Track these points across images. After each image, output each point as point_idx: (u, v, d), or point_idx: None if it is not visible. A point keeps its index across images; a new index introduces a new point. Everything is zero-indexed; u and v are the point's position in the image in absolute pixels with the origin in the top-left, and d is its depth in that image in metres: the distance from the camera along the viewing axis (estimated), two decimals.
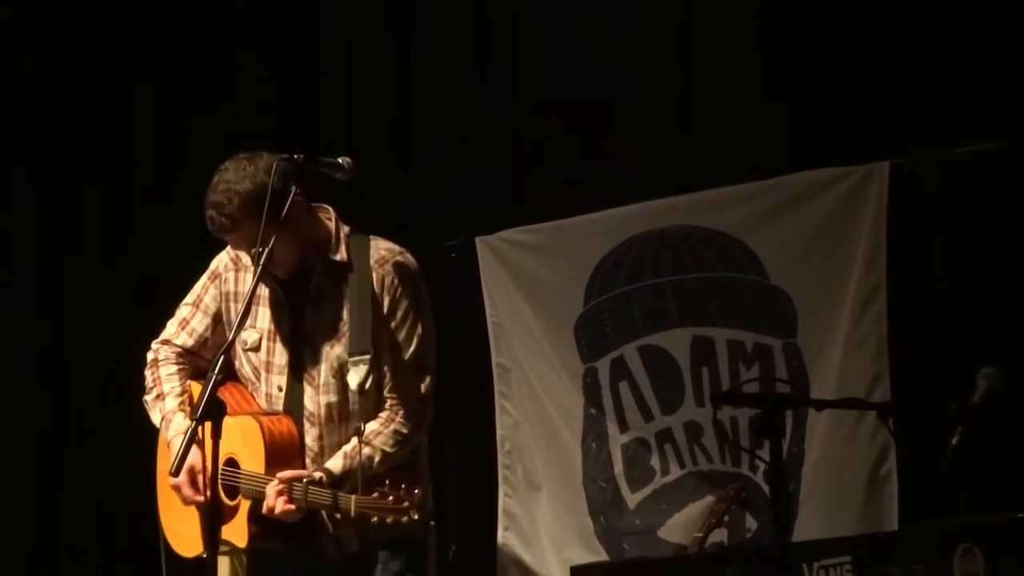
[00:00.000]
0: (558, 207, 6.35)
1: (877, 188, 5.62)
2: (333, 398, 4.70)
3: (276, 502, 4.55)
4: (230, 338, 4.53)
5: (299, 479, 4.57)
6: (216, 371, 4.32)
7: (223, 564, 5.56)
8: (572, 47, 6.42)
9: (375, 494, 4.46)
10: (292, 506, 4.54)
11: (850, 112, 5.79)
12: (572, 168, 6.41)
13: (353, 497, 4.48)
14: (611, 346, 6.19)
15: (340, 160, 4.68)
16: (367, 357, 4.65)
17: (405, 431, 4.68)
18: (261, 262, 4.53)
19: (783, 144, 5.97)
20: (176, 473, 4.49)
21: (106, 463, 7.10)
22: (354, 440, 4.63)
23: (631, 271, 6.16)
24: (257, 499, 4.60)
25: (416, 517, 4.43)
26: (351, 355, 4.66)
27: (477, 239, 6.46)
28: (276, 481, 4.56)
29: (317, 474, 4.58)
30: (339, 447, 4.67)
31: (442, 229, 6.48)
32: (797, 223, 5.82)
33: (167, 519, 4.84)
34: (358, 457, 4.57)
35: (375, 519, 4.45)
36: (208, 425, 4.29)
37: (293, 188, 4.58)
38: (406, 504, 4.42)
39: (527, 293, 6.37)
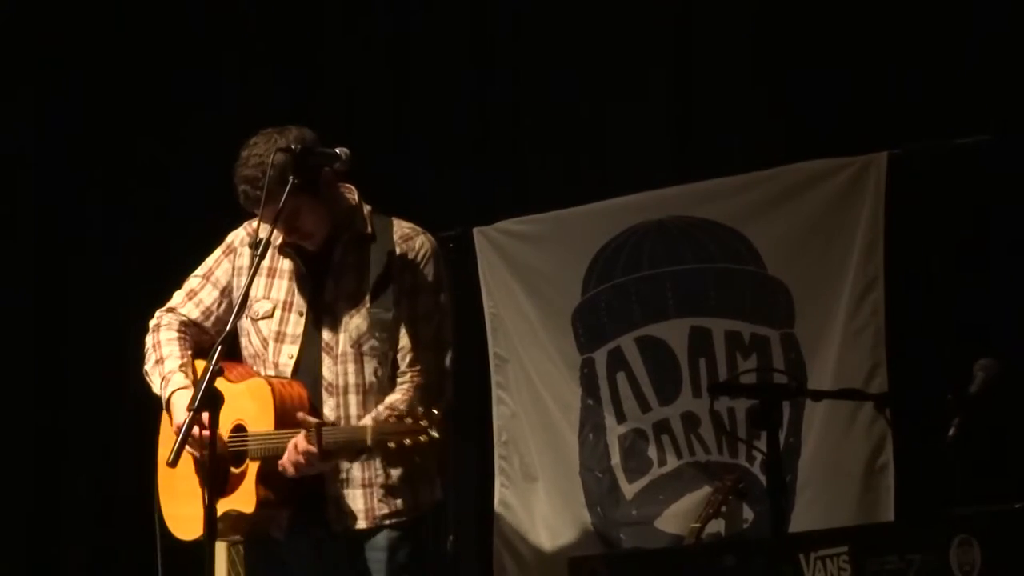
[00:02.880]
0: (556, 198, 6.35)
1: (875, 179, 5.62)
2: (351, 367, 4.68)
3: (300, 441, 4.46)
4: (229, 324, 4.49)
5: (322, 424, 4.51)
6: (215, 361, 4.29)
7: (220, 551, 5.58)
8: (571, 38, 6.42)
9: (391, 418, 4.42)
10: (313, 447, 4.45)
11: (848, 102, 5.78)
12: (570, 159, 6.41)
13: (369, 424, 4.45)
14: (609, 337, 6.20)
15: (337, 150, 4.67)
16: (390, 314, 4.63)
17: (427, 402, 4.60)
18: (261, 246, 4.52)
19: (781, 135, 5.96)
20: (174, 464, 4.46)
21: (105, 447, 7.11)
22: (379, 408, 4.60)
23: (629, 262, 6.16)
24: (266, 458, 4.55)
25: (436, 435, 4.36)
26: (372, 311, 4.64)
27: (475, 230, 6.46)
28: (304, 423, 4.49)
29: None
30: (359, 418, 4.63)
31: (439, 220, 6.44)
32: (795, 214, 5.82)
33: (166, 504, 4.82)
34: (388, 421, 4.48)
35: (393, 444, 4.38)
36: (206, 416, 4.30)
37: (291, 178, 4.57)
38: (424, 423, 4.38)
39: (525, 284, 6.37)
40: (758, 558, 4.70)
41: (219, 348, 4.35)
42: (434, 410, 4.43)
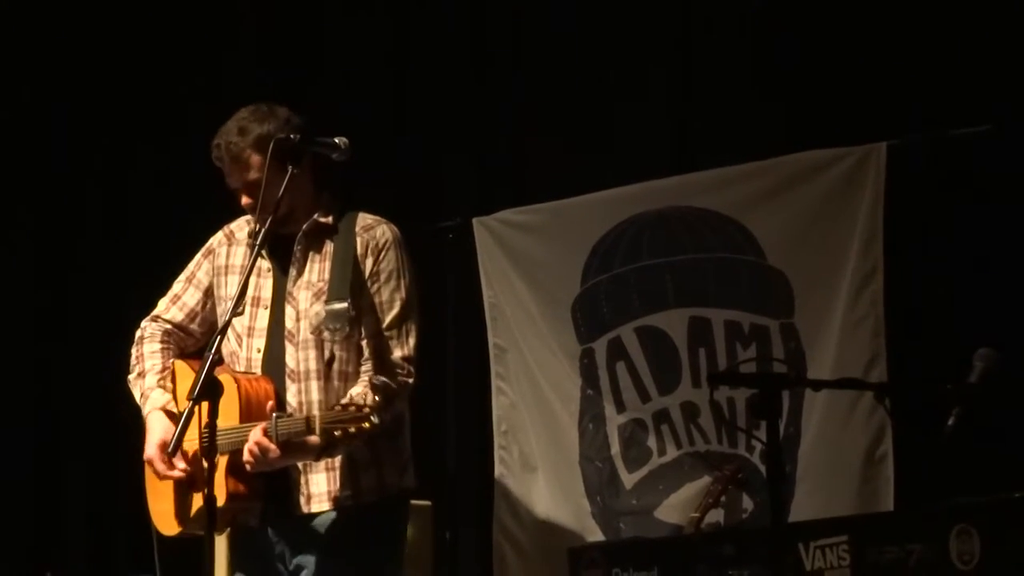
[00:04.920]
0: (556, 188, 6.35)
1: (874, 169, 5.62)
2: (312, 353, 4.72)
3: (255, 433, 4.54)
4: (228, 315, 4.54)
5: (278, 415, 4.58)
6: (213, 352, 4.37)
7: (221, 544, 5.58)
8: (571, 28, 6.42)
9: (336, 407, 4.52)
10: (266, 439, 4.53)
11: (847, 93, 5.78)
12: (570, 149, 6.41)
13: (317, 414, 4.52)
14: (608, 327, 6.20)
15: (336, 140, 4.70)
16: (345, 304, 4.68)
17: (388, 390, 4.67)
18: (262, 230, 4.60)
19: (781, 125, 5.96)
20: (174, 453, 4.50)
21: (103, 433, 7.12)
22: (343, 402, 4.63)
23: (628, 252, 6.16)
24: (234, 451, 4.60)
25: (376, 420, 4.44)
26: (327, 302, 4.70)
27: (474, 220, 6.47)
28: (262, 425, 4.57)
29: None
30: (321, 404, 4.68)
31: (439, 210, 6.48)
32: (795, 204, 5.82)
33: (150, 500, 4.88)
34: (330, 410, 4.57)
35: (339, 432, 4.46)
36: (205, 405, 4.34)
37: (290, 168, 4.62)
38: (366, 410, 4.45)
39: (524, 274, 6.38)
40: (757, 548, 4.71)
41: (219, 339, 4.44)
42: (377, 396, 4.50)
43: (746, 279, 5.95)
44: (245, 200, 4.77)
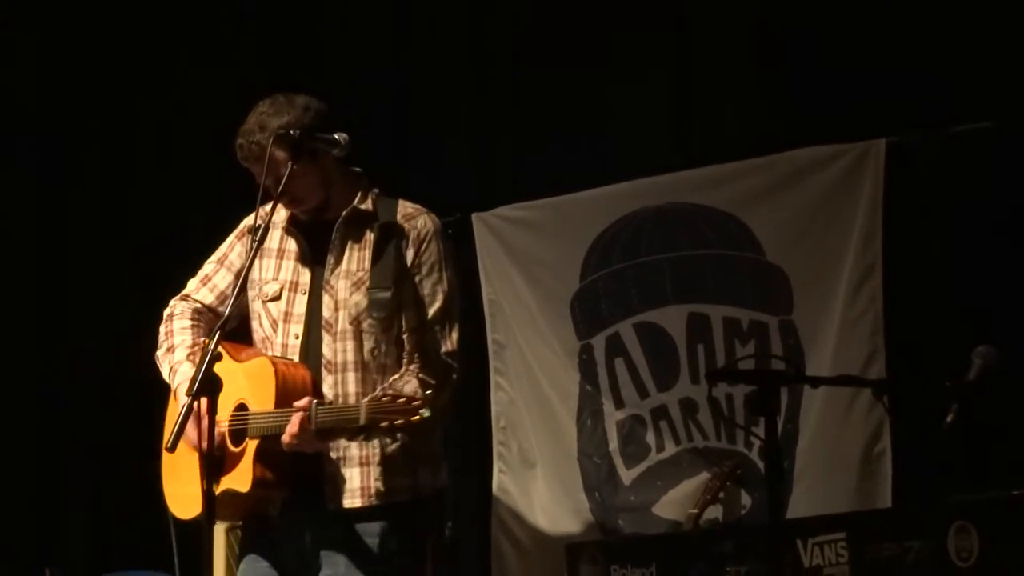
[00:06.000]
0: (555, 184, 6.34)
1: (873, 166, 5.62)
2: (350, 344, 4.67)
3: (294, 423, 4.47)
4: (227, 312, 4.51)
5: (319, 403, 4.51)
6: (214, 347, 4.31)
7: (219, 535, 5.59)
8: (571, 23, 6.41)
9: (385, 398, 4.42)
10: (308, 425, 4.46)
11: (847, 89, 5.78)
12: (569, 145, 6.41)
13: (364, 403, 4.45)
14: (607, 323, 6.20)
15: (336, 136, 4.68)
16: (388, 293, 4.63)
17: (433, 382, 4.63)
18: (264, 226, 4.55)
19: (780, 121, 5.96)
20: (172, 449, 4.46)
21: (105, 427, 7.13)
22: (380, 389, 4.58)
23: (627, 248, 6.16)
24: (264, 436, 4.54)
25: (427, 415, 4.37)
26: (370, 289, 4.64)
27: (473, 216, 6.47)
28: (303, 404, 4.49)
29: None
30: (357, 396, 4.61)
31: (438, 205, 6.43)
32: (794, 200, 5.82)
33: (167, 483, 4.84)
34: (378, 402, 4.48)
35: (385, 423, 4.39)
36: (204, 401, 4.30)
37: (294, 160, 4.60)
38: (416, 403, 4.38)
39: (523, 270, 6.38)
40: (756, 544, 4.71)
41: (218, 334, 4.38)
42: (428, 391, 4.44)
43: (745, 275, 5.95)
44: (283, 198, 4.67)
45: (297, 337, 4.71)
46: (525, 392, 6.36)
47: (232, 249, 4.90)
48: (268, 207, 4.69)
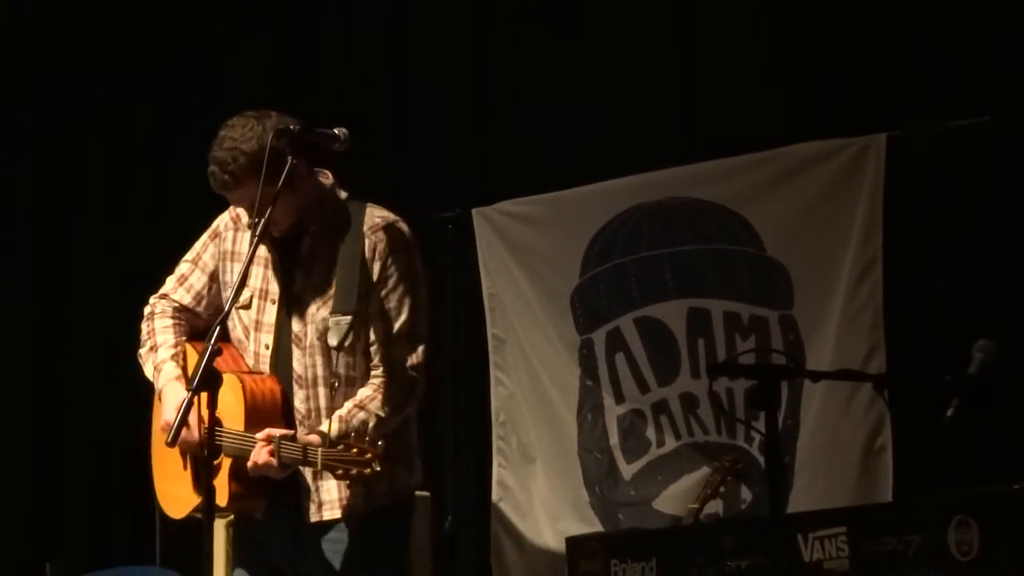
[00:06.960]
0: (555, 179, 6.34)
1: (874, 160, 5.62)
2: (319, 359, 4.67)
3: (260, 454, 4.51)
4: (227, 305, 4.52)
5: (283, 437, 4.53)
6: (213, 341, 4.32)
7: (219, 530, 5.59)
8: (571, 19, 6.41)
9: (340, 447, 4.45)
10: (274, 460, 4.50)
11: (847, 84, 5.78)
12: (569, 140, 6.41)
13: (320, 450, 4.47)
14: (607, 317, 6.20)
15: (336, 131, 4.65)
16: (348, 318, 4.61)
17: (398, 396, 4.66)
18: (259, 231, 4.52)
19: (781, 116, 5.96)
20: (173, 444, 4.46)
21: (102, 423, 7.13)
22: (348, 404, 4.60)
23: (628, 243, 6.16)
24: (237, 456, 4.57)
25: (378, 469, 4.40)
26: (333, 313, 4.63)
27: (474, 211, 6.46)
28: (265, 436, 4.53)
29: (313, 436, 4.56)
30: (329, 411, 4.63)
31: (438, 201, 6.47)
32: (794, 195, 5.82)
33: (158, 481, 4.85)
34: (353, 420, 4.56)
35: (340, 472, 4.43)
36: (205, 395, 4.31)
37: (290, 158, 4.56)
38: (368, 456, 4.41)
39: (523, 265, 6.38)
40: (756, 539, 4.71)
41: (217, 328, 4.38)
42: (379, 441, 4.44)
43: (745, 270, 5.95)
44: (255, 215, 4.61)
45: (268, 347, 4.72)
46: (525, 387, 6.36)
47: (205, 249, 4.89)
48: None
